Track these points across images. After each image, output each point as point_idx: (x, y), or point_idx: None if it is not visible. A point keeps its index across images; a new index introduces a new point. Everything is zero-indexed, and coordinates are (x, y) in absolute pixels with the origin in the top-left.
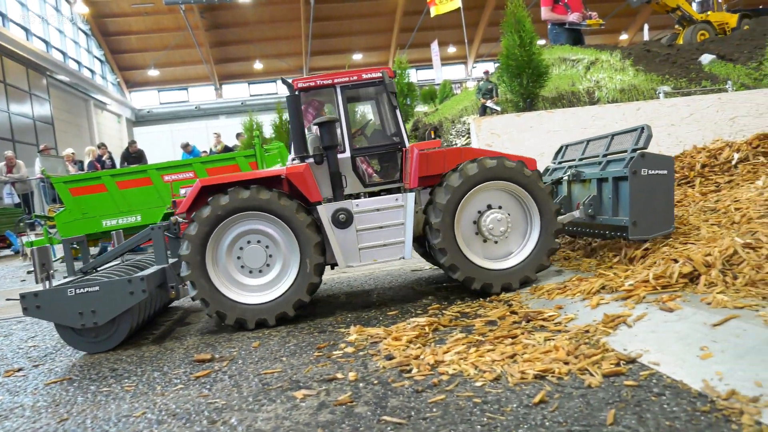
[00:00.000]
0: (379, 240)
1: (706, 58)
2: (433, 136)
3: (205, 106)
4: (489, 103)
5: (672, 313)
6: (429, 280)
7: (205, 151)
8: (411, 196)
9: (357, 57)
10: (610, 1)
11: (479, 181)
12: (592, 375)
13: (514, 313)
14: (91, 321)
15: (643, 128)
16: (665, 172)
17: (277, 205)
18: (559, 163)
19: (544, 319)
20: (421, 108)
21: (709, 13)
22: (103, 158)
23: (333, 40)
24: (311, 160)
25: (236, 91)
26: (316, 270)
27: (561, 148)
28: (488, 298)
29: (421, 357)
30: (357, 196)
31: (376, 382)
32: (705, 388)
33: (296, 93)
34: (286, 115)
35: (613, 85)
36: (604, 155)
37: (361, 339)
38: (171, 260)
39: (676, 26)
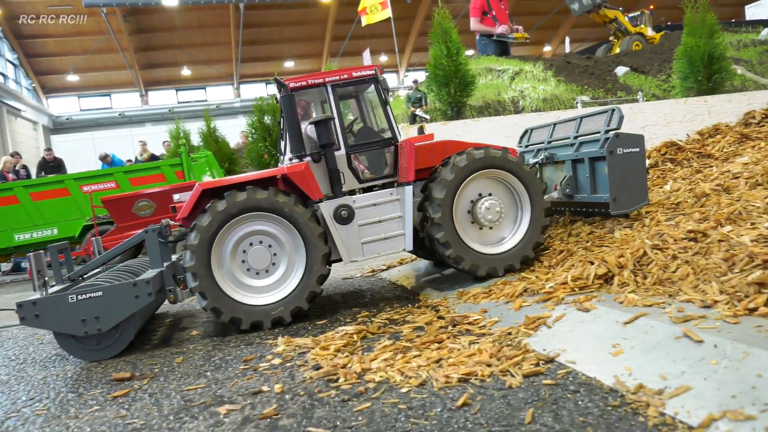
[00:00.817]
0: (379, 234)
1: (620, 70)
2: (424, 131)
3: (130, 113)
4: (418, 112)
5: (588, 313)
6: (360, 287)
7: (129, 160)
8: (409, 189)
9: (289, 64)
10: (535, 14)
11: (471, 171)
12: (513, 376)
13: (441, 318)
14: (94, 328)
15: (614, 110)
16: (638, 149)
17: (276, 203)
18: (526, 146)
19: (469, 323)
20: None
21: (642, 26)
22: (17, 168)
23: (264, 47)
24: (308, 158)
25: (163, 98)
26: (323, 260)
27: (526, 132)
28: (417, 305)
29: (349, 366)
30: (352, 193)
31: (302, 393)
32: (616, 384)
33: (291, 93)
34: (214, 123)
35: (536, 94)
36: (575, 137)
37: (289, 350)
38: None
39: (611, 38)
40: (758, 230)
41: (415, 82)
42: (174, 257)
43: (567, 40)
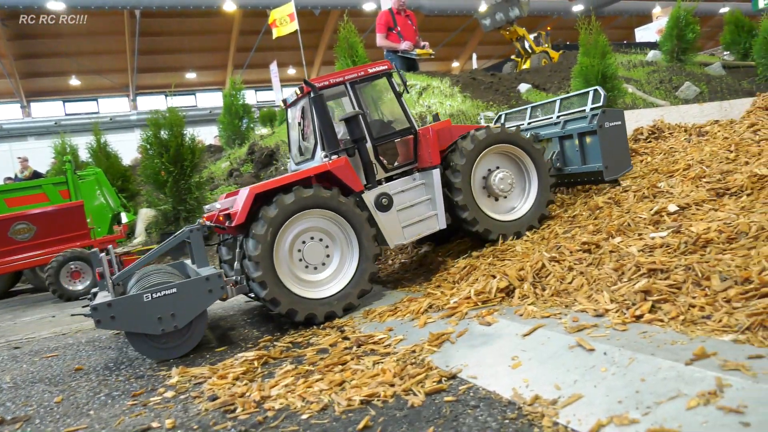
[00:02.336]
0: (415, 217)
1: (523, 87)
2: (439, 118)
3: (9, 125)
4: None
5: (490, 326)
6: (263, 310)
7: (9, 178)
8: (436, 171)
9: (190, 76)
10: (443, 30)
11: (489, 144)
12: (415, 395)
13: (346, 338)
14: (171, 325)
15: (596, 89)
16: (620, 122)
17: (331, 198)
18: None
19: (374, 343)
20: (261, 130)
21: (544, 45)
22: None
23: (162, 57)
24: (334, 156)
25: (48, 110)
26: (374, 240)
27: (499, 116)
28: (322, 326)
29: (247, 394)
30: (379, 183)
31: (196, 427)
32: (514, 396)
33: (320, 93)
34: (106, 137)
35: (443, 110)
36: (558, 116)
37: (184, 381)
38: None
39: (514, 56)
40: (644, 240)
41: None
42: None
43: (474, 56)
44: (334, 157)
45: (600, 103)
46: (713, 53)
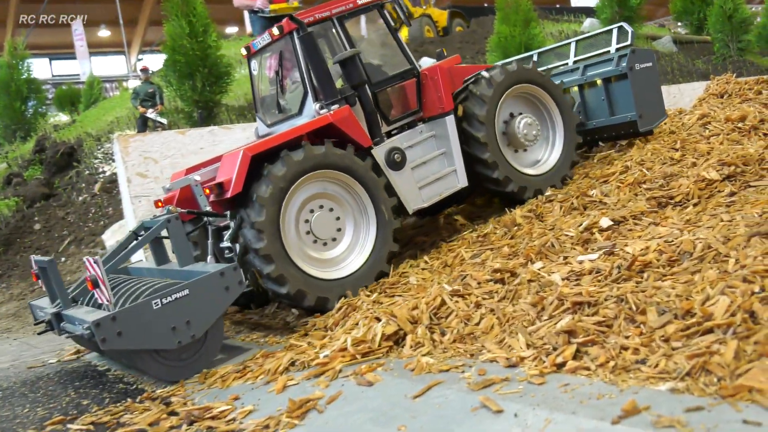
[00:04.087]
0: (431, 175)
1: (426, 62)
2: (445, 54)
3: None
4: (150, 114)
5: (371, 387)
6: (57, 378)
7: None
8: (450, 119)
9: None
10: None
11: (508, 86)
12: None
13: (173, 414)
14: (187, 335)
15: (620, 26)
16: (651, 64)
17: (352, 161)
18: None
19: (213, 418)
20: (58, 117)
21: (426, 6)
22: None
23: None
24: (336, 106)
25: None
26: (394, 212)
27: (494, 67)
28: (139, 397)
29: None
30: (384, 136)
31: None
32: None
33: (309, 31)
34: None
35: None
36: (575, 62)
37: None
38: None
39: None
40: (570, 266)
41: (145, 71)
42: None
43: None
44: (334, 107)
45: (627, 42)
46: (663, 24)
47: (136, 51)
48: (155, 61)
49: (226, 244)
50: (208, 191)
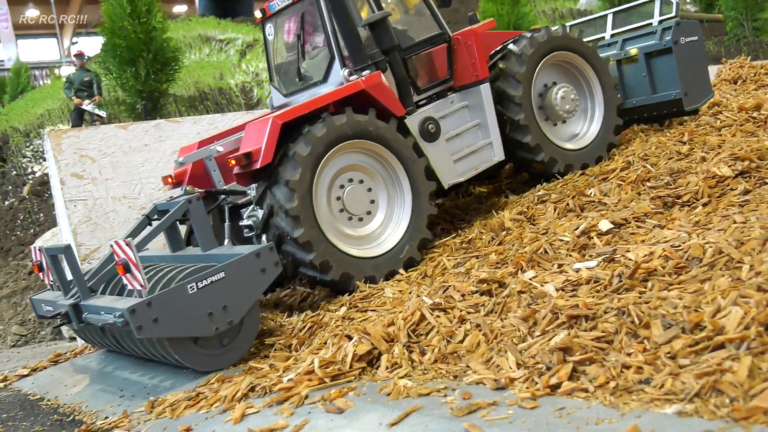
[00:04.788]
0: (465, 148)
1: None
2: (477, 18)
3: None
4: (87, 106)
5: (341, 414)
6: None
7: None
8: (485, 87)
9: None
10: None
11: (550, 50)
12: None
13: None
14: (225, 321)
15: None
16: (696, 38)
17: (381, 129)
18: None
19: None
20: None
21: None
22: None
23: None
24: (366, 72)
25: None
26: (432, 197)
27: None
28: (76, 431)
29: None
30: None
31: None
32: None
33: None
34: None
35: None
36: (612, 35)
37: None
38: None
39: None
40: (565, 274)
41: (80, 56)
42: None
43: None
44: (365, 73)
45: (672, 14)
46: (670, 1)
47: (69, 33)
48: (92, 46)
49: (246, 222)
50: (233, 162)
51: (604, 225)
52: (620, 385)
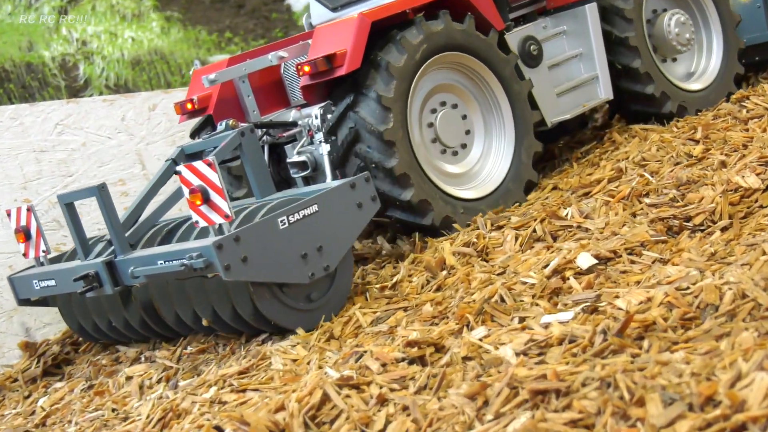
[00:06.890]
0: (566, 81)
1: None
2: None
3: None
4: None
5: None
6: None
7: None
8: (591, 7)
9: None
10: None
11: None
12: None
13: None
14: (320, 266)
15: None
16: None
17: (493, 48)
18: None
19: None
20: None
21: None
22: None
23: None
24: None
25: None
26: (534, 128)
27: None
28: None
29: None
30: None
31: None
32: None
33: None
34: None
35: (116, 52)
36: None
37: None
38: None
39: None
40: (530, 332)
41: None
42: None
43: None
44: None
45: None
46: None
47: None
48: None
49: (297, 158)
50: (308, 68)
51: (585, 260)
52: None
